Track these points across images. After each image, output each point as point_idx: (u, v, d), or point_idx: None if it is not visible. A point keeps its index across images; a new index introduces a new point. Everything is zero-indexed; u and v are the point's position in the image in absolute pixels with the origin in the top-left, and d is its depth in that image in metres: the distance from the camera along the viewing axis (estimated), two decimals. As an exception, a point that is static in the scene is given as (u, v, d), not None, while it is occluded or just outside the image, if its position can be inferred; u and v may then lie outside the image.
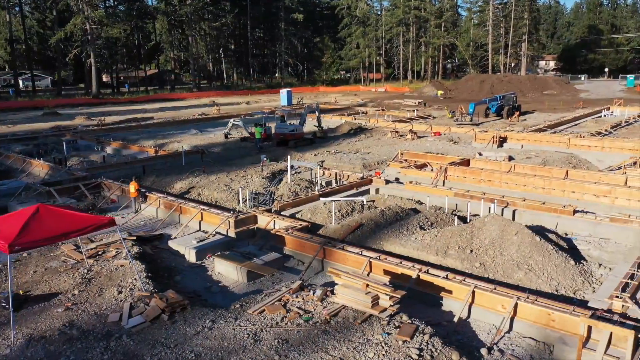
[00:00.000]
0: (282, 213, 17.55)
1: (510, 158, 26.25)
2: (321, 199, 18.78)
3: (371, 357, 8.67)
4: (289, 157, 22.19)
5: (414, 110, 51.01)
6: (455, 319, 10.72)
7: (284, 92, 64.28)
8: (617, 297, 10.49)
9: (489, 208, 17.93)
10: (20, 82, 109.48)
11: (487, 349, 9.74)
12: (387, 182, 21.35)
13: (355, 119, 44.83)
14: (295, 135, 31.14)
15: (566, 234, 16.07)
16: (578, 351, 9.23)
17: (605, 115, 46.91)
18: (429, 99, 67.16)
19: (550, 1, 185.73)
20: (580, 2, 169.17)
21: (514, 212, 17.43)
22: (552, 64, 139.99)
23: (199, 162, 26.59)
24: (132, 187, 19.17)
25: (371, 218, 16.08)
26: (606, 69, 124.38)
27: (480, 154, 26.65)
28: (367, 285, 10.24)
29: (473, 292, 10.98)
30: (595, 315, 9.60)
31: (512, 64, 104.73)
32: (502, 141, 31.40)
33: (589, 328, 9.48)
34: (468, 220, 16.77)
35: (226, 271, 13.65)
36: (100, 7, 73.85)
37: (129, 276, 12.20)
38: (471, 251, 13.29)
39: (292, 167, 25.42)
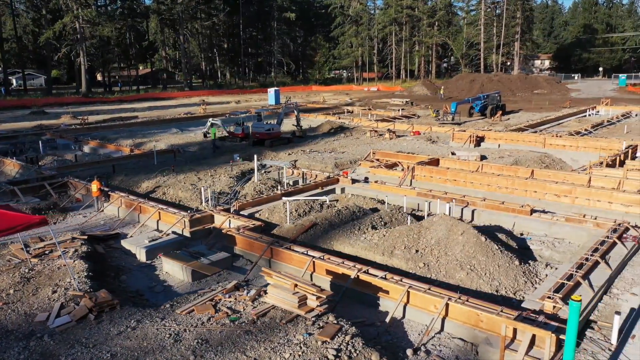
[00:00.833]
0: (241, 212, 17.50)
1: (483, 157, 26.21)
2: (283, 198, 18.69)
3: (287, 357, 8.62)
4: (255, 156, 22.11)
5: (399, 110, 50.93)
6: (387, 319, 10.67)
7: (271, 91, 64.20)
8: (549, 297, 10.44)
9: (449, 208, 17.93)
10: (14, 80, 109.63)
11: (413, 350, 9.68)
12: (354, 181, 21.30)
13: (339, 118, 44.78)
14: (271, 135, 31.06)
15: (521, 234, 16.05)
16: (500, 352, 9.18)
17: (590, 115, 46.85)
18: (419, 98, 67.09)
19: (547, 0, 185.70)
20: (578, 1, 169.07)
21: (472, 211, 17.41)
22: (547, 63, 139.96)
23: (171, 162, 26.54)
24: (94, 186, 19.11)
25: (326, 217, 16.03)
26: (600, 68, 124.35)
27: (453, 154, 26.60)
28: (296, 285, 10.19)
29: (408, 292, 10.94)
30: (520, 317, 9.56)
31: (508, 63, 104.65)
32: (479, 140, 31.35)
33: (515, 329, 9.46)
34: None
35: (172, 271, 13.60)
36: (92, 6, 73.47)
37: (68, 276, 12.13)
38: (417, 251, 13.24)
39: (263, 166, 25.45)
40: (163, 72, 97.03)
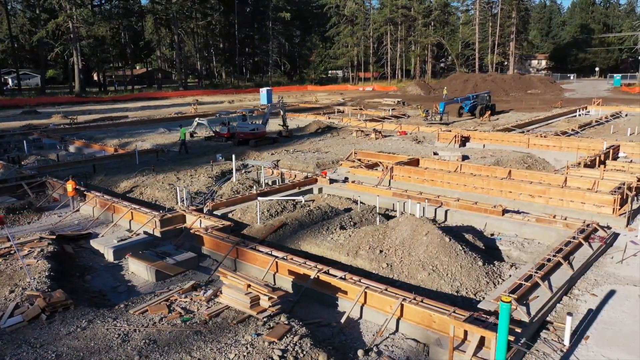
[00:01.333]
0: (214, 212, 17.50)
1: (465, 157, 26.19)
2: (259, 198, 18.68)
3: (232, 357, 8.60)
4: (233, 156, 22.09)
5: (389, 110, 50.90)
6: (343, 320, 10.65)
7: (263, 91, 64.17)
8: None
9: (422, 208, 17.93)
10: (10, 80, 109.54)
11: (365, 351, 9.66)
12: (332, 181, 21.28)
13: (329, 118, 44.77)
14: (256, 135, 31.03)
15: (492, 235, 16.03)
16: (449, 353, 9.16)
17: (580, 115, 46.82)
18: (412, 98, 67.03)
19: (546, 0, 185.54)
20: (576, 1, 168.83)
21: (445, 212, 17.40)
22: (544, 63, 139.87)
23: (154, 161, 26.54)
24: (69, 186, 19.08)
25: (296, 218, 16.01)
26: (597, 69, 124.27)
27: (435, 154, 26.57)
28: (249, 285, 10.17)
29: (365, 293, 10.93)
30: (471, 318, 9.53)
31: (505, 63, 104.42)
32: (464, 141, 31.33)
33: (466, 331, 9.44)
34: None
35: (138, 271, 13.59)
36: (86, 6, 73.28)
37: (30, 276, 12.12)
38: (381, 251, 13.23)
39: (245, 166, 25.46)
40: (158, 72, 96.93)
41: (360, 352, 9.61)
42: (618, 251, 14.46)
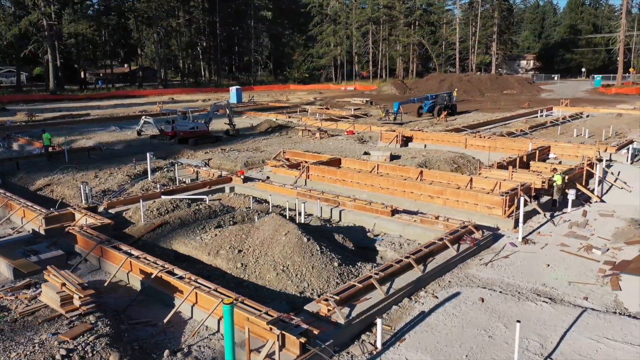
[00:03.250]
0: (109, 211, 17.46)
1: (394, 157, 26.10)
2: (163, 196, 18.66)
3: (12, 357, 8.52)
4: (148, 155, 22.01)
5: (353, 109, 50.79)
6: (165, 320, 10.57)
7: (233, 89, 64.10)
8: (325, 300, 10.34)
9: (321, 208, 17.89)
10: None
11: (171, 351, 9.58)
12: (245, 180, 21.18)
13: (289, 117, 44.68)
14: (195, 133, 30.94)
15: (377, 235, 15.95)
16: (246, 354, 9.09)
17: (541, 115, 46.71)
18: (385, 98, 66.83)
19: (539, 0, 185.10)
20: (570, 2, 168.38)
21: (340, 212, 17.35)
22: (531, 63, 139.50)
23: (85, 159, 26.49)
24: (-29, 182, 19.04)
25: (179, 217, 15.94)
26: (583, 69, 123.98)
27: (366, 153, 26.47)
28: (64, 284, 10.10)
29: (195, 292, 10.86)
30: (276, 320, 9.43)
31: (495, 63, 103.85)
32: (407, 140, 31.24)
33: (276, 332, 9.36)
34: (297, 221, 16.72)
35: (1, 268, 13.52)
36: (56, 4, 72.55)
37: None
38: (239, 251, 13.14)
39: (173, 164, 25.37)
40: (139, 71, 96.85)
41: (166, 352, 9.54)
42: (492, 253, 14.41)
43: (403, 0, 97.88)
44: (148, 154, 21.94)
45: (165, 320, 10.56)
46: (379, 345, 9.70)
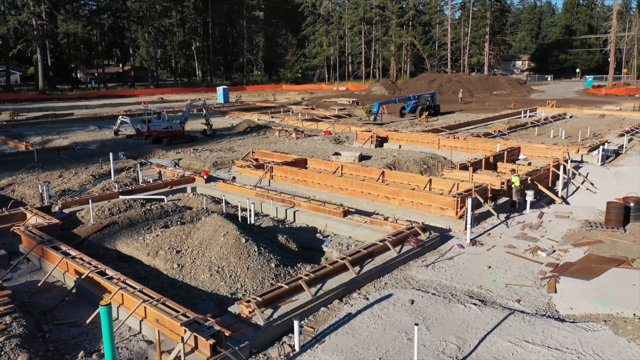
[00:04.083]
0: (64, 210, 17.41)
1: (364, 158, 26.05)
2: (121, 196, 18.60)
3: None
4: (111, 154, 21.96)
5: (337, 109, 50.75)
6: (88, 321, 10.52)
7: (220, 89, 64.05)
8: (247, 302, 10.28)
9: (276, 209, 17.86)
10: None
11: (87, 352, 9.54)
12: (207, 180, 21.12)
13: (272, 117, 44.66)
14: (169, 133, 30.91)
15: (327, 236, 15.89)
16: (158, 356, 9.04)
17: (524, 116, 46.65)
18: (374, 98, 66.72)
19: (536, 1, 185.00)
20: (566, 2, 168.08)
21: (294, 212, 17.31)
22: (527, 64, 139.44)
23: (54, 159, 26.46)
24: None
25: (129, 217, 15.89)
26: (578, 70, 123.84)
27: (337, 154, 26.41)
28: (-18, 285, 10.04)
29: (122, 294, 10.81)
30: (190, 321, 9.38)
31: (489, 64, 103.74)
32: (382, 141, 31.19)
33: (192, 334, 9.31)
34: (249, 222, 16.69)
35: (-63, 269, 13.47)
36: (47, 3, 72.42)
37: None
38: (178, 252, 13.09)
39: (143, 164, 25.32)
40: (132, 70, 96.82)
41: (81, 354, 9.50)
42: (438, 254, 14.35)
43: (396, 1, 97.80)
44: (111, 154, 21.88)
45: (87, 321, 10.51)
46: (296, 347, 9.64)
